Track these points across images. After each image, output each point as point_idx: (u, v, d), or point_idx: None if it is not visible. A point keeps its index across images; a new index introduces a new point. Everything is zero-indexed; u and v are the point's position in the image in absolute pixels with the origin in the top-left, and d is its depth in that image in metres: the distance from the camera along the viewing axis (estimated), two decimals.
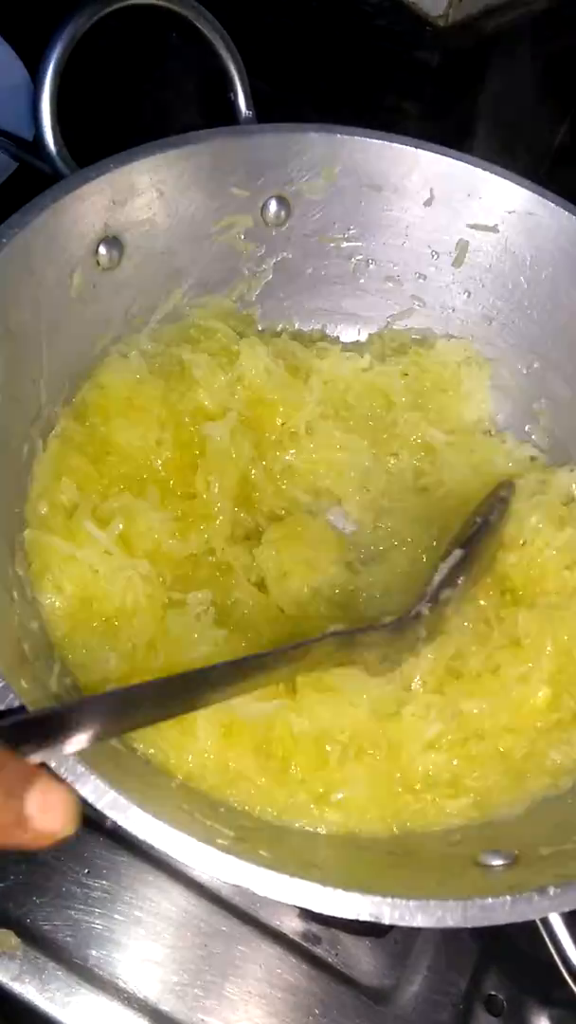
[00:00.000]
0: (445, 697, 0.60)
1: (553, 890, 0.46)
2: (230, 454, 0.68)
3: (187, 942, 0.59)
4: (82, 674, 0.58)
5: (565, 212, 0.71)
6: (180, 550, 0.65)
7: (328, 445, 0.72)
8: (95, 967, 0.58)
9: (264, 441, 0.72)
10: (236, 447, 0.68)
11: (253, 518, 0.70)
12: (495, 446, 0.76)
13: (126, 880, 0.60)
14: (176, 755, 0.56)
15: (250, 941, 0.60)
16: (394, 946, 0.62)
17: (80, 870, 0.60)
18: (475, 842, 0.56)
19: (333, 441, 0.72)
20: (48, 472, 0.64)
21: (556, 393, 0.76)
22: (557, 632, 0.62)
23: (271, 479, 0.71)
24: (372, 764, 0.58)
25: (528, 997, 0.62)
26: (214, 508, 0.67)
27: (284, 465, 0.72)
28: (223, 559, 0.67)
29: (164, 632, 0.60)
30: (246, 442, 0.69)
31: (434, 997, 0.61)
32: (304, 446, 0.72)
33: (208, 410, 0.69)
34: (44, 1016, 0.56)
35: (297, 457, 0.72)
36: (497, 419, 0.79)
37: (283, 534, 0.69)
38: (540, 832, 0.56)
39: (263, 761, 0.58)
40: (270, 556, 0.67)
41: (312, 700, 0.59)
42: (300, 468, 0.72)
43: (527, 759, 0.60)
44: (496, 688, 0.61)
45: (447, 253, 0.76)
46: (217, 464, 0.67)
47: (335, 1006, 0.59)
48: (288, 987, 0.59)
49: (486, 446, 0.76)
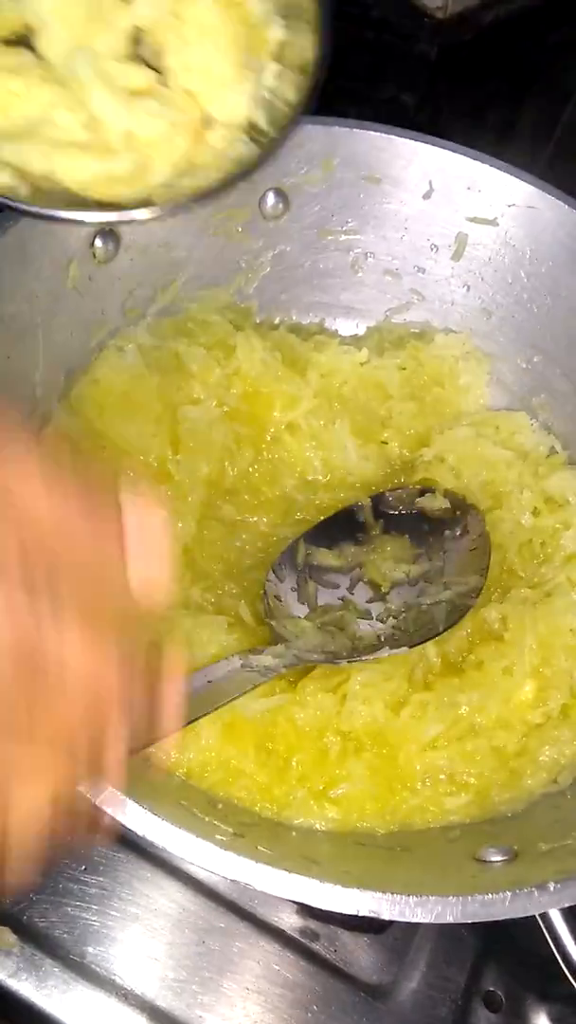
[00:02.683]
0: (437, 693, 0.60)
1: (553, 886, 0.46)
2: (208, 436, 0.68)
3: (184, 938, 0.59)
4: None
5: (565, 205, 0.70)
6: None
7: (324, 438, 0.72)
8: (92, 964, 0.57)
9: (260, 434, 0.71)
10: (215, 431, 0.68)
11: (235, 509, 0.69)
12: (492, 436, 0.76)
13: (123, 876, 0.60)
14: (177, 753, 0.56)
15: (248, 937, 0.60)
16: (393, 942, 0.62)
17: (77, 866, 0.60)
18: (474, 838, 0.56)
19: (329, 434, 0.72)
20: None
21: (556, 388, 0.76)
22: (536, 625, 0.62)
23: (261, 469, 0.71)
24: (371, 760, 0.58)
25: (527, 993, 0.61)
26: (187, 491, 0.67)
27: (279, 457, 0.71)
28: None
29: (169, 633, 0.60)
30: (224, 427, 0.69)
31: (433, 993, 0.61)
32: (300, 439, 0.71)
33: (203, 404, 0.69)
34: (41, 1013, 0.56)
35: (292, 450, 0.71)
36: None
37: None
38: (540, 828, 0.56)
39: (264, 758, 0.58)
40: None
41: (315, 688, 0.59)
42: (295, 460, 0.71)
43: (520, 756, 0.60)
44: (483, 682, 0.61)
45: (446, 246, 0.75)
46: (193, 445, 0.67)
47: (333, 1002, 0.59)
48: (286, 983, 0.59)
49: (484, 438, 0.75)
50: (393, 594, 0.65)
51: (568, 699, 0.62)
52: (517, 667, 0.61)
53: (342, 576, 0.66)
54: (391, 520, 0.68)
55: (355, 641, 0.62)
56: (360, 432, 0.73)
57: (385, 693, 0.59)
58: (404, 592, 0.65)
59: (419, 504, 0.69)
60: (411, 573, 0.65)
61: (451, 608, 0.63)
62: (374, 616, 0.63)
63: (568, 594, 0.65)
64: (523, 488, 0.71)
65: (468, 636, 0.64)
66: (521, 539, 0.69)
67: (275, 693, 0.59)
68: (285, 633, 0.61)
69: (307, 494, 0.71)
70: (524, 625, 0.62)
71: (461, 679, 0.61)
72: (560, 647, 0.62)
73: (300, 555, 0.65)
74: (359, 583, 0.65)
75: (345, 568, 0.66)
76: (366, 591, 0.65)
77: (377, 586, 0.65)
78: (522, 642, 0.61)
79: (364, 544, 0.67)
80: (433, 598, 0.64)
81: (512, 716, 0.60)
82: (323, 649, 0.61)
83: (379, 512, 0.69)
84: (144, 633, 0.34)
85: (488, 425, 0.75)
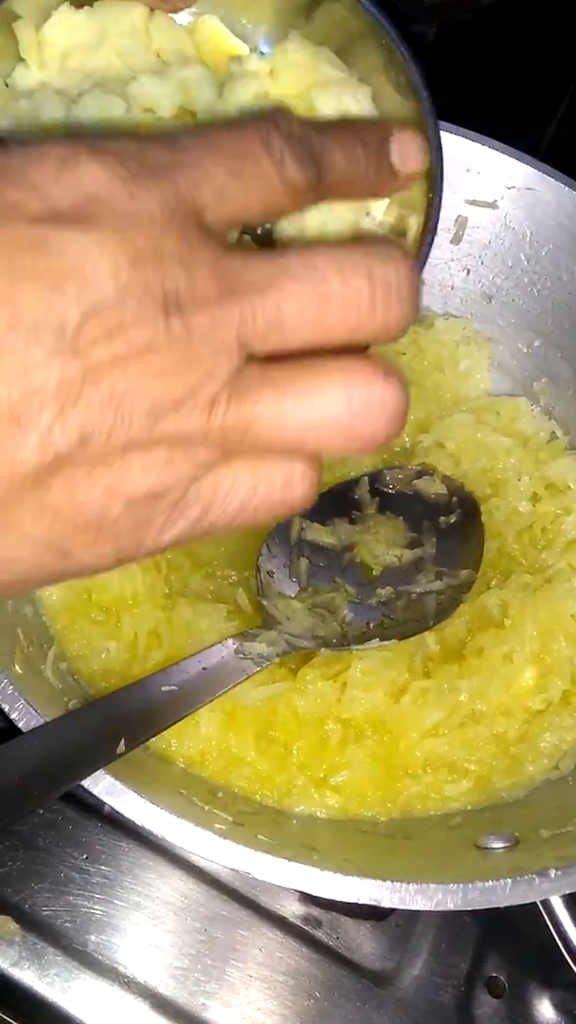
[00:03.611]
0: (437, 680, 0.60)
1: (554, 872, 0.46)
2: None
3: (187, 927, 0.59)
4: (83, 664, 0.57)
5: (565, 187, 0.69)
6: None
7: None
8: (95, 952, 0.58)
9: None
10: None
11: None
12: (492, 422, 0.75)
13: (125, 865, 0.60)
14: (178, 742, 0.56)
15: (250, 925, 0.60)
16: (395, 929, 0.62)
17: (79, 855, 0.60)
18: (476, 825, 0.56)
19: None
20: None
21: (557, 372, 0.75)
22: (537, 611, 0.62)
23: None
24: (372, 747, 0.58)
25: (529, 979, 0.61)
26: None
27: None
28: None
29: (169, 621, 0.60)
30: None
31: (435, 979, 0.61)
32: None
33: None
34: (44, 1002, 0.56)
35: None
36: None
37: None
38: (541, 815, 0.56)
39: (264, 746, 0.57)
40: None
41: (315, 676, 0.59)
42: None
43: (521, 742, 0.60)
44: (483, 668, 0.60)
45: (445, 230, 0.74)
46: None
47: (336, 989, 0.59)
48: (289, 971, 0.59)
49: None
50: (384, 579, 0.64)
51: (569, 685, 0.61)
52: (517, 653, 0.61)
53: (334, 556, 0.65)
54: (387, 499, 0.68)
55: (344, 627, 0.61)
56: None
57: (385, 680, 0.59)
58: (395, 577, 0.64)
59: (416, 486, 0.69)
60: (403, 558, 0.65)
61: (441, 600, 0.63)
62: (364, 601, 0.63)
63: (569, 580, 0.65)
64: (522, 475, 0.71)
65: (468, 622, 0.64)
66: (521, 525, 0.69)
67: (275, 681, 0.59)
68: (276, 614, 0.60)
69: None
70: (524, 611, 0.62)
71: (461, 666, 0.61)
72: (561, 633, 0.62)
73: (295, 528, 0.65)
74: (351, 564, 0.65)
75: (338, 547, 0.65)
76: (357, 573, 0.65)
77: (368, 569, 0.65)
78: (522, 628, 0.61)
79: (358, 523, 0.67)
80: (424, 587, 0.64)
81: (513, 702, 0.60)
82: (313, 634, 0.60)
83: (375, 491, 0.68)
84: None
85: (489, 411, 0.75)
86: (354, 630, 0.62)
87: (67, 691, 0.54)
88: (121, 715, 0.48)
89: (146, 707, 0.50)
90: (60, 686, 0.54)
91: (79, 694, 0.55)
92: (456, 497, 0.68)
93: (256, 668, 0.55)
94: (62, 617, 0.59)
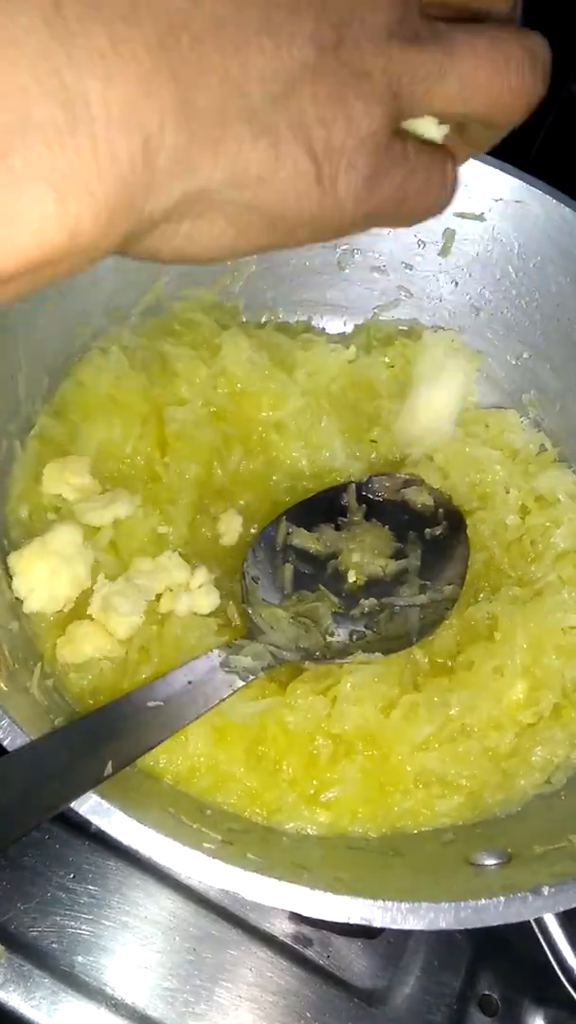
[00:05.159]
0: (427, 694, 0.59)
1: (547, 890, 0.45)
2: (196, 437, 0.67)
3: (176, 947, 0.58)
4: (73, 683, 0.57)
5: (553, 200, 0.69)
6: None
7: (312, 437, 0.71)
8: (82, 974, 0.57)
9: (248, 434, 0.70)
10: (202, 431, 0.67)
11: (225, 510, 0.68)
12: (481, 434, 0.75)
13: (113, 884, 0.59)
14: (166, 758, 0.55)
15: (240, 944, 0.59)
16: (387, 947, 0.61)
17: (65, 875, 0.59)
18: (468, 841, 0.55)
19: (317, 433, 0.71)
20: (28, 473, 0.63)
21: (546, 384, 0.75)
22: (527, 624, 0.62)
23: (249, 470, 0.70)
24: (362, 763, 0.57)
25: (522, 997, 0.61)
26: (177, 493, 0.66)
27: (267, 457, 0.70)
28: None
29: (159, 636, 0.59)
30: (211, 428, 0.68)
31: (427, 998, 0.60)
32: (288, 438, 0.71)
33: (189, 404, 0.68)
34: None
35: (281, 449, 0.71)
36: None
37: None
38: (533, 830, 0.55)
39: (254, 762, 0.57)
40: None
41: (305, 691, 0.58)
42: (283, 460, 0.71)
43: (512, 756, 0.59)
44: (474, 682, 0.60)
45: (433, 242, 0.74)
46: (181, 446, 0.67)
47: (327, 1009, 0.58)
48: (279, 990, 0.58)
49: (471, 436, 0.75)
50: (368, 589, 0.64)
51: (560, 698, 0.61)
52: (508, 667, 0.60)
53: (319, 562, 0.65)
54: (374, 507, 0.68)
55: (327, 638, 0.61)
56: (348, 431, 0.73)
57: (376, 695, 0.59)
58: (379, 588, 0.64)
59: (404, 495, 0.68)
60: (387, 568, 0.65)
61: (424, 616, 0.63)
62: (347, 611, 0.63)
63: (559, 592, 0.64)
64: (511, 487, 0.71)
65: (457, 636, 0.63)
66: (510, 537, 0.69)
67: (265, 696, 0.58)
68: (260, 624, 0.60)
69: (296, 495, 0.70)
70: (515, 624, 0.61)
71: (451, 679, 0.60)
72: (551, 646, 0.61)
73: (281, 533, 0.65)
74: (335, 572, 0.65)
75: (323, 554, 0.65)
76: (341, 582, 0.64)
77: (352, 579, 0.65)
78: (513, 641, 0.61)
79: (344, 530, 0.66)
80: (408, 600, 0.63)
81: (503, 716, 0.60)
82: (297, 644, 0.60)
83: (363, 498, 0.68)
84: None
85: (477, 423, 0.75)
86: (337, 642, 0.61)
87: (53, 708, 0.53)
88: (108, 733, 0.48)
89: (133, 725, 0.49)
90: (46, 703, 0.53)
91: (65, 711, 0.54)
92: (442, 509, 0.68)
93: (242, 683, 0.55)
94: (50, 634, 0.58)
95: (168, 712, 0.50)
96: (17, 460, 0.62)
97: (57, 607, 0.58)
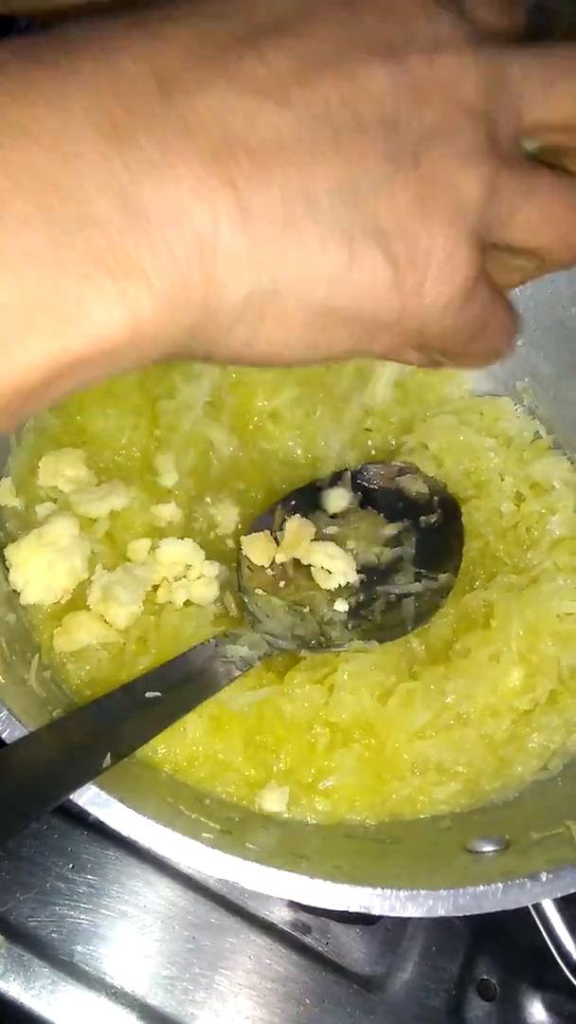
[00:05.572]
0: (423, 682, 0.59)
1: (545, 876, 0.45)
2: (191, 427, 0.67)
3: (175, 935, 0.59)
4: (70, 674, 0.57)
5: None
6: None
7: (307, 427, 0.71)
8: (81, 963, 0.57)
9: (244, 423, 0.70)
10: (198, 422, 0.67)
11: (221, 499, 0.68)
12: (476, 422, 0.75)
13: (111, 874, 0.59)
14: (164, 748, 0.55)
15: (239, 932, 0.59)
16: (385, 933, 0.61)
17: (64, 864, 0.59)
18: (465, 828, 0.56)
19: (312, 422, 0.71)
20: (24, 465, 0.62)
21: (539, 371, 0.75)
22: (523, 611, 0.62)
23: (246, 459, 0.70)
24: (360, 751, 0.58)
25: (520, 981, 0.61)
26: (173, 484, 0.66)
27: (263, 446, 0.70)
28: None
29: (156, 626, 0.59)
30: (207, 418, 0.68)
31: (426, 983, 0.60)
32: (284, 428, 0.71)
33: (183, 394, 0.68)
34: (30, 1014, 0.55)
35: (276, 438, 0.71)
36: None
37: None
38: (531, 816, 0.55)
39: (252, 751, 0.57)
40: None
41: (302, 680, 0.58)
42: (278, 449, 0.71)
43: (509, 743, 0.59)
44: (470, 670, 0.60)
45: None
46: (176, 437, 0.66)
47: (326, 995, 0.59)
48: (278, 977, 0.59)
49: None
50: (362, 577, 0.64)
51: (556, 685, 0.61)
52: (504, 654, 0.60)
53: None
54: (369, 495, 0.68)
55: (322, 626, 0.61)
56: (343, 420, 0.72)
57: (372, 683, 0.59)
58: (374, 576, 0.64)
59: (399, 482, 0.68)
60: (382, 556, 0.65)
61: (420, 604, 0.63)
62: (342, 598, 0.63)
63: (554, 579, 0.64)
64: (506, 475, 0.70)
65: (453, 623, 0.63)
66: (506, 525, 0.69)
67: (262, 686, 0.58)
68: (256, 612, 0.60)
69: (291, 484, 0.70)
70: (510, 611, 0.61)
71: (448, 667, 0.60)
72: (547, 633, 0.61)
73: (276, 522, 0.65)
74: None
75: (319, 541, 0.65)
76: None
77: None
78: (508, 629, 0.61)
79: (339, 516, 0.66)
80: (402, 588, 0.63)
81: (500, 703, 0.60)
82: (292, 633, 0.60)
83: (358, 485, 0.68)
84: None
85: (472, 411, 0.74)
86: (332, 629, 0.61)
87: (51, 700, 0.53)
88: (106, 724, 0.48)
89: (131, 715, 0.49)
90: (44, 695, 0.53)
91: (63, 703, 0.54)
92: (437, 497, 0.68)
93: (239, 672, 0.55)
94: (47, 625, 0.58)
95: (166, 702, 0.51)
96: (13, 452, 0.62)
97: (54, 599, 0.58)
